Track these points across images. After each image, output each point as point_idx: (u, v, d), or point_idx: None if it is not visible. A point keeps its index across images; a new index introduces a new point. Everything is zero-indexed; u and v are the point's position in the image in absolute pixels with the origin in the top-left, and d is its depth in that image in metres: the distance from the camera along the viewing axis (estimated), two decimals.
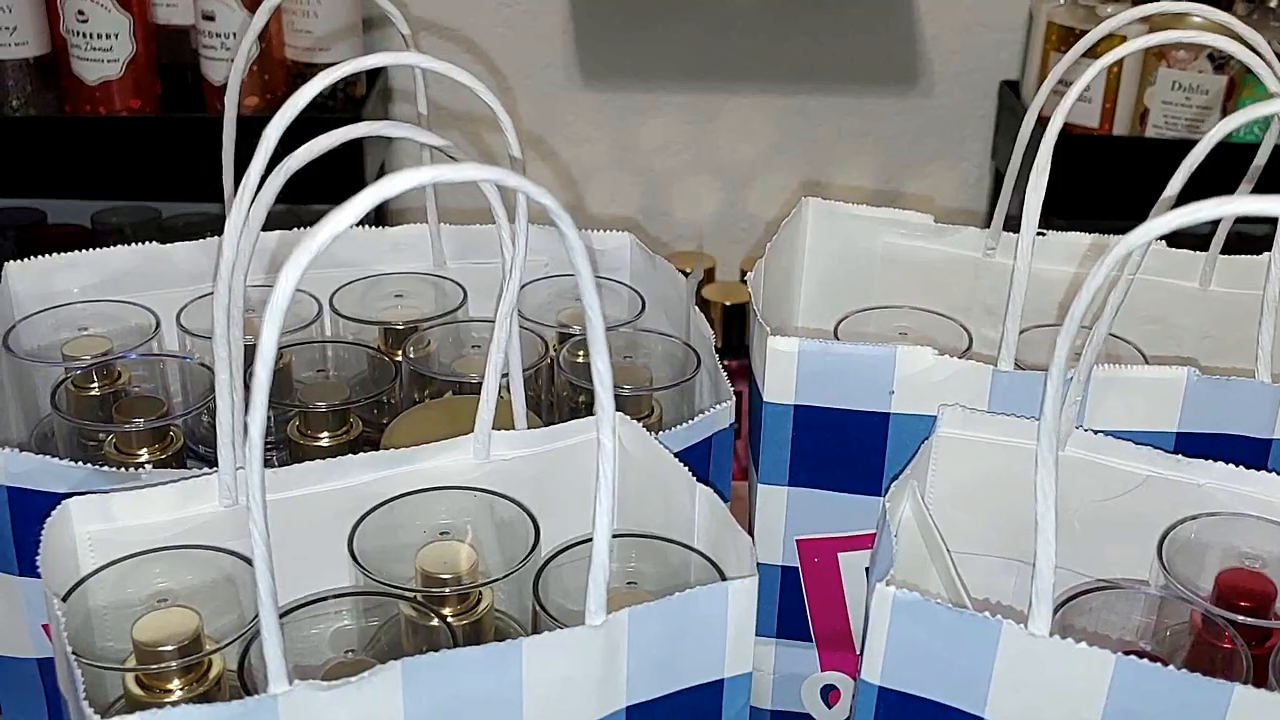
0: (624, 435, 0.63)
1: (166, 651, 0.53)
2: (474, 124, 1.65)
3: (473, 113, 1.63)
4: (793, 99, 1.67)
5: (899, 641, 0.53)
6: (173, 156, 1.42)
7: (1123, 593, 0.59)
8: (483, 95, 0.58)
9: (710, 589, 0.52)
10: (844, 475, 0.69)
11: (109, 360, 0.74)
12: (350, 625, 0.57)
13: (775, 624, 0.74)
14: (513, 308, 0.60)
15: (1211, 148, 0.60)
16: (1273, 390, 0.67)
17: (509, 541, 0.61)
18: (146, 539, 0.56)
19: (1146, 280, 0.81)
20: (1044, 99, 0.77)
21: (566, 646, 0.49)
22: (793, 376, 0.67)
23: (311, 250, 0.40)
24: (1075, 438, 0.64)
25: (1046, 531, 0.50)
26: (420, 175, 0.41)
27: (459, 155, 0.57)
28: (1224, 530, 0.62)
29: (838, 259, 0.84)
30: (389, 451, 0.60)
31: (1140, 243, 0.43)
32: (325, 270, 0.81)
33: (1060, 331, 0.47)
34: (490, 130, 1.67)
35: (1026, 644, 0.51)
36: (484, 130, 1.66)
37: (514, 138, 0.60)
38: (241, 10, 1.36)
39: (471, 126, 1.63)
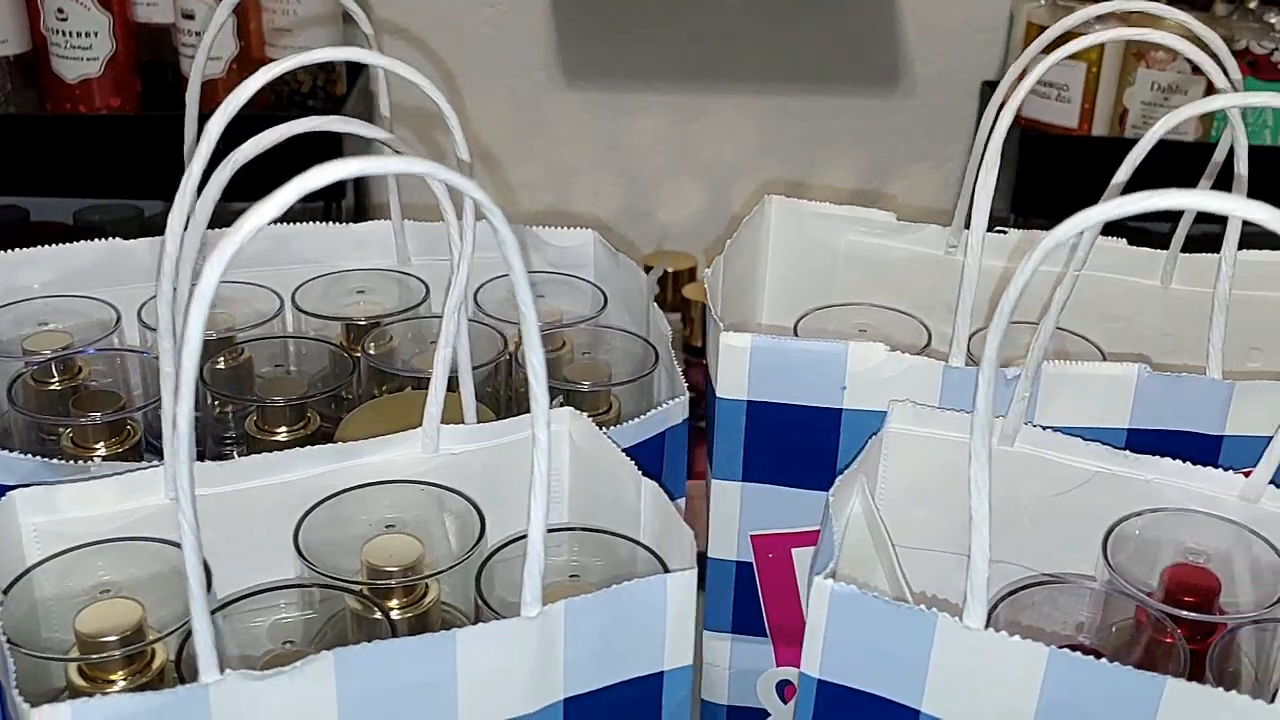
0: (574, 430, 0.64)
1: (108, 642, 0.54)
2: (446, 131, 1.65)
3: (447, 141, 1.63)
4: (776, 99, 1.67)
5: (837, 635, 0.53)
6: (154, 154, 1.42)
7: (1066, 587, 0.60)
8: (429, 91, 0.58)
9: (648, 581, 0.52)
10: (797, 471, 0.70)
11: (69, 355, 0.74)
12: (294, 618, 0.58)
13: (731, 619, 0.74)
14: (460, 302, 0.60)
15: (1153, 144, 0.61)
16: (1223, 387, 0.67)
17: (458, 535, 0.61)
18: (91, 531, 0.56)
19: (1108, 278, 0.81)
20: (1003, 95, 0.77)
21: (501, 638, 0.50)
22: (745, 372, 0.68)
23: (236, 243, 0.40)
24: (1024, 433, 0.64)
25: (981, 525, 0.50)
26: (345, 167, 0.42)
27: (405, 150, 0.57)
28: (1170, 526, 0.62)
29: (801, 257, 0.84)
30: (336, 445, 0.60)
31: (1065, 236, 0.43)
32: (288, 266, 0.81)
33: (991, 325, 0.47)
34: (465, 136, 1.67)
35: (962, 637, 0.51)
36: None
37: (460, 135, 0.60)
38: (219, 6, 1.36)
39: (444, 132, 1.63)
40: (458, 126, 0.59)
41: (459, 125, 0.59)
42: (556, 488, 0.65)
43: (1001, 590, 0.59)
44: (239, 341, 0.77)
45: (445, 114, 0.59)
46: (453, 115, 0.59)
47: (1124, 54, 1.43)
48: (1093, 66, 1.46)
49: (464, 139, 0.60)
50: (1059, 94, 1.48)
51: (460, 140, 0.60)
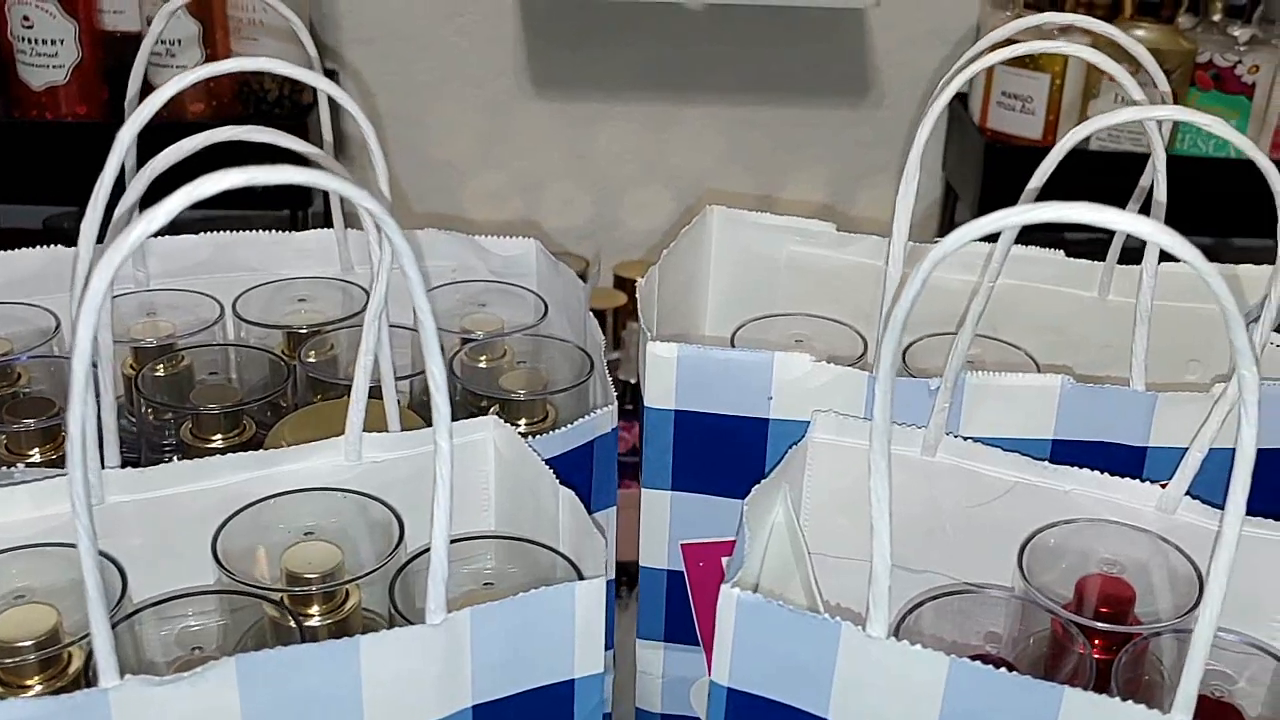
0: (497, 438, 0.64)
1: (23, 647, 0.54)
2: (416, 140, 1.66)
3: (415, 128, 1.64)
4: (745, 110, 1.68)
5: (744, 643, 0.54)
6: None
7: (978, 596, 0.60)
8: (341, 100, 0.59)
9: (555, 589, 0.52)
10: (725, 480, 0.70)
11: (7, 361, 0.75)
12: (210, 625, 0.58)
13: (663, 628, 0.75)
14: (379, 310, 0.60)
15: (1065, 153, 0.61)
16: (1146, 398, 0.68)
17: (379, 543, 0.62)
18: (8, 537, 0.56)
19: (1045, 289, 0.82)
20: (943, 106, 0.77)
21: (405, 645, 0.50)
22: (672, 382, 0.68)
23: (123, 250, 0.40)
24: (945, 444, 0.64)
25: (881, 535, 0.50)
26: (233, 176, 0.42)
27: (325, 161, 0.58)
28: (1087, 536, 0.62)
29: (743, 267, 0.85)
30: (258, 452, 0.61)
31: (952, 249, 0.44)
32: (229, 274, 0.82)
33: (883, 341, 0.48)
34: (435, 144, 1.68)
35: (865, 645, 0.51)
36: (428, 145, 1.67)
37: (376, 147, 0.60)
38: (187, 17, 1.37)
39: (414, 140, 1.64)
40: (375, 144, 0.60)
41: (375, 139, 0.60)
42: (484, 495, 0.65)
43: (916, 598, 0.60)
44: (179, 349, 0.78)
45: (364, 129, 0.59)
46: (369, 128, 0.60)
47: (1087, 67, 1.44)
48: (1057, 79, 1.47)
49: (380, 153, 0.61)
50: (1023, 106, 1.48)
51: (377, 155, 0.61)
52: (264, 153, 0.58)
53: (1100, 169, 1.47)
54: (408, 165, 1.67)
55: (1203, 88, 1.49)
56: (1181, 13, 1.47)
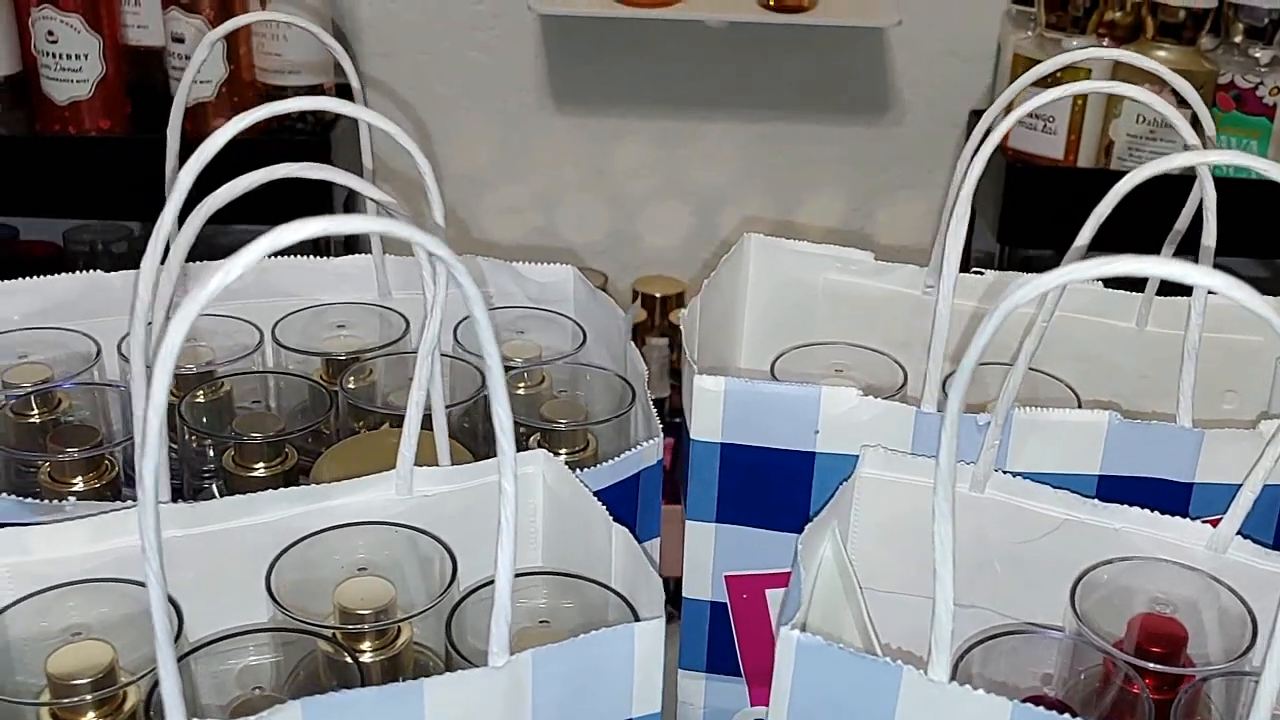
0: (547, 473, 0.64)
1: (80, 685, 0.54)
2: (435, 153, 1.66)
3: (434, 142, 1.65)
4: (763, 126, 1.68)
5: (804, 685, 0.54)
6: (143, 176, 1.42)
7: (1033, 637, 0.60)
8: (406, 145, 0.59)
9: (616, 630, 0.52)
10: (770, 513, 0.70)
11: (48, 388, 0.75)
12: (266, 661, 0.58)
13: (705, 659, 0.75)
14: (433, 347, 0.60)
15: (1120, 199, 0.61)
16: (1193, 435, 0.68)
17: (431, 578, 0.62)
18: (64, 572, 0.56)
19: (1083, 320, 0.82)
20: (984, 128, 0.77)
21: (469, 687, 0.50)
22: (719, 415, 0.68)
23: (200, 301, 0.40)
24: (994, 480, 0.64)
25: (944, 579, 0.50)
26: (313, 226, 0.42)
27: (379, 195, 0.58)
28: (1138, 575, 0.62)
29: (779, 295, 0.85)
30: (309, 487, 0.61)
31: (1024, 300, 0.44)
32: (268, 299, 0.82)
33: (953, 384, 0.48)
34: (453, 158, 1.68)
35: (926, 690, 0.51)
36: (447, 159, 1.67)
37: (434, 187, 0.61)
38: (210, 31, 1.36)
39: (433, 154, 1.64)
40: (433, 184, 0.60)
41: (434, 180, 0.60)
42: (531, 528, 0.65)
43: (971, 639, 0.59)
44: (219, 376, 0.78)
45: (422, 169, 0.59)
46: (429, 170, 0.60)
47: None
48: (1078, 99, 1.47)
49: (439, 195, 0.61)
50: (1045, 125, 1.49)
51: (435, 197, 0.61)
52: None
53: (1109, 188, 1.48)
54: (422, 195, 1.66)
55: (1224, 109, 1.49)
56: (1203, 34, 1.47)
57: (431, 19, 1.61)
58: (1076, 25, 1.48)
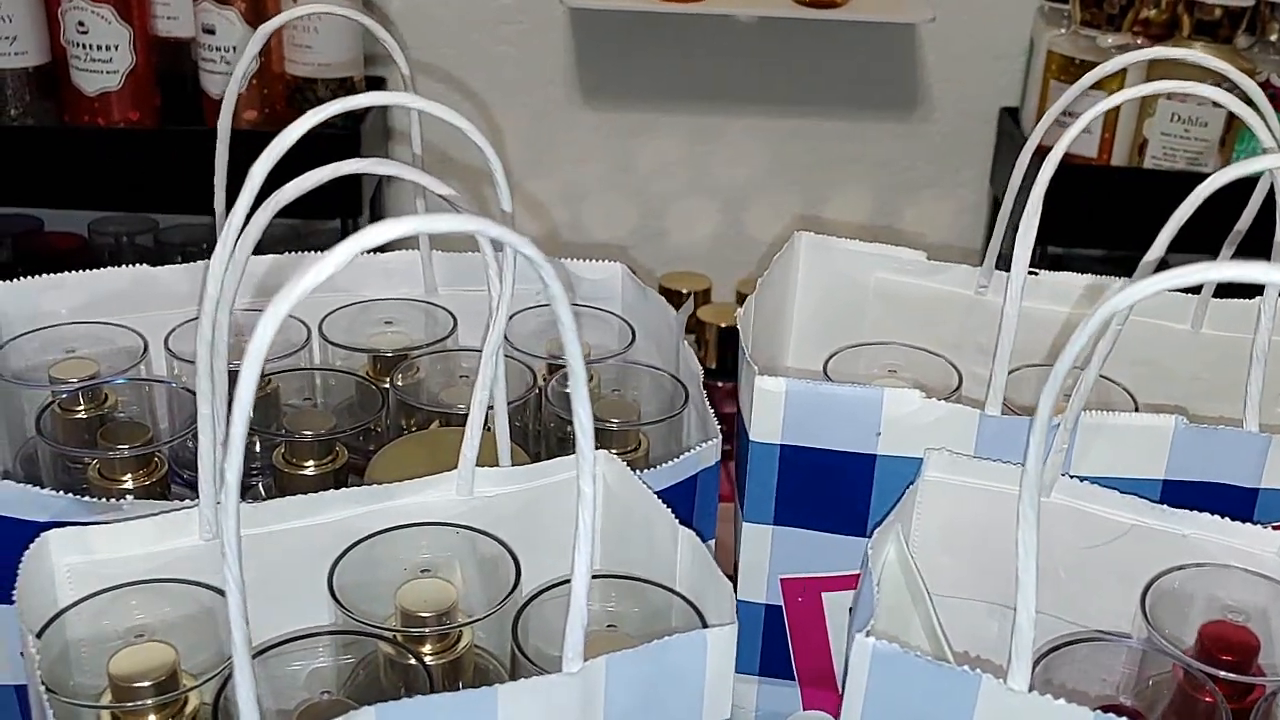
0: (608, 474, 0.63)
1: (142, 688, 0.53)
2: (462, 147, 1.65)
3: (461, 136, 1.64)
4: (791, 122, 1.67)
5: (878, 692, 0.53)
6: (171, 168, 1.42)
7: (1105, 644, 0.59)
8: (475, 139, 0.58)
9: (689, 637, 0.52)
10: (829, 516, 0.69)
11: (96, 384, 0.74)
12: (328, 663, 0.57)
13: (758, 662, 0.74)
14: (497, 346, 0.59)
15: (1199, 204, 0.60)
16: (1260, 440, 0.67)
17: (492, 579, 0.61)
18: (125, 571, 0.56)
19: (1139, 322, 0.80)
20: (1044, 130, 0.76)
21: (543, 693, 0.49)
22: (779, 416, 0.67)
23: (292, 298, 0.40)
24: (1061, 485, 0.63)
25: (1027, 587, 0.49)
26: (404, 225, 0.41)
27: (445, 191, 0.57)
28: (1208, 582, 0.61)
29: (830, 294, 0.84)
30: (371, 487, 0.60)
31: (1118, 309, 0.43)
32: (314, 295, 0.80)
33: (1043, 390, 0.47)
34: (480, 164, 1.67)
35: (1005, 699, 0.50)
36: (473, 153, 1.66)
37: (504, 184, 0.60)
38: (242, 24, 1.36)
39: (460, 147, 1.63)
40: (501, 173, 0.59)
41: (503, 171, 0.59)
42: None
43: (1042, 647, 0.59)
44: (266, 372, 0.77)
45: (492, 164, 0.58)
46: (496, 160, 0.59)
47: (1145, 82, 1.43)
48: None
49: (508, 188, 0.60)
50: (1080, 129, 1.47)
51: (504, 190, 0.60)
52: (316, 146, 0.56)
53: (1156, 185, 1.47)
54: (452, 172, 1.66)
55: None
56: (1239, 33, 1.46)
57: (460, 13, 1.60)
58: (1111, 23, 1.47)
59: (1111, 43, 1.46)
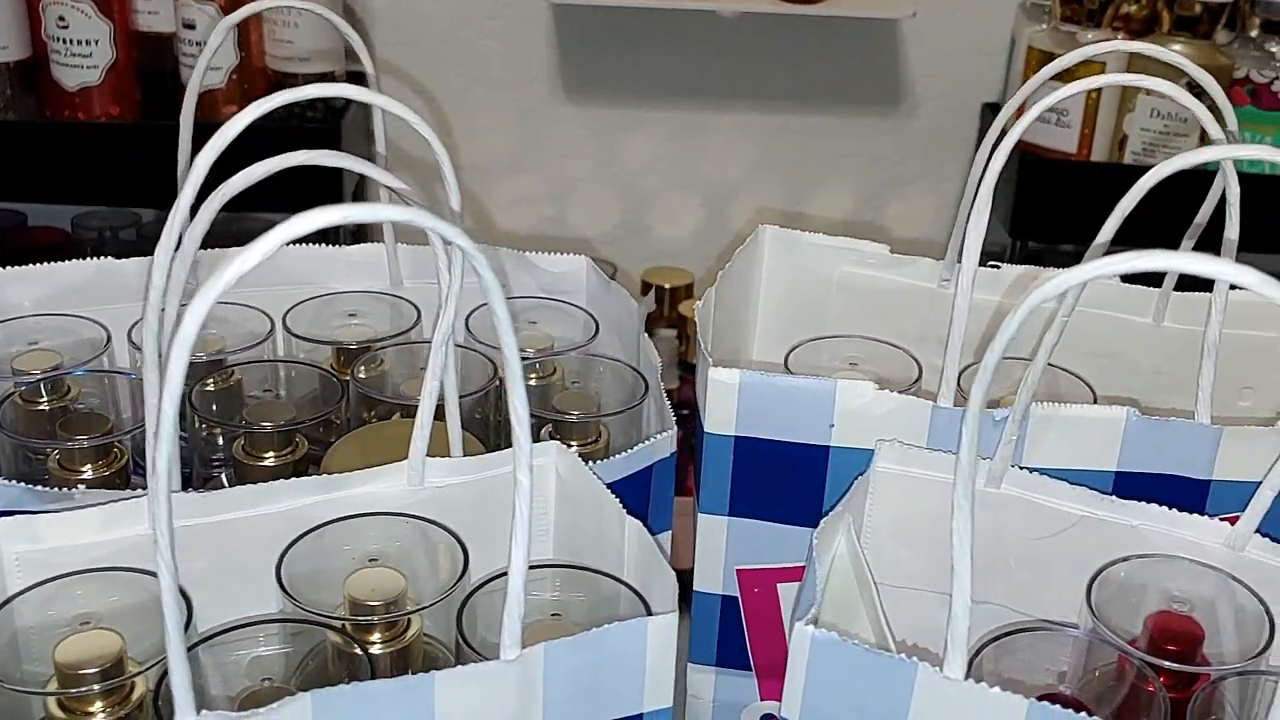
0: (560, 465, 0.64)
1: (88, 674, 0.54)
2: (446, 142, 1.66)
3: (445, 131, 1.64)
4: (776, 118, 1.68)
5: (817, 680, 0.53)
6: (152, 162, 1.41)
7: (1049, 634, 0.59)
8: (424, 133, 0.58)
9: (629, 624, 0.52)
10: (784, 507, 0.70)
11: (58, 375, 0.74)
12: (276, 652, 0.57)
13: (715, 652, 0.74)
14: (447, 337, 0.60)
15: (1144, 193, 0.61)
16: (1211, 431, 0.67)
17: (442, 569, 0.61)
18: (74, 560, 0.56)
19: (1100, 315, 0.81)
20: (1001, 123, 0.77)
21: (480, 681, 0.50)
22: (733, 408, 0.68)
23: (217, 289, 0.40)
24: (1010, 476, 0.64)
25: (962, 576, 0.50)
26: (328, 215, 0.41)
27: (395, 183, 0.57)
28: (1155, 572, 0.62)
29: (795, 287, 0.84)
30: (322, 477, 0.60)
31: (1048, 297, 0.43)
32: (279, 288, 0.81)
33: (975, 381, 0.47)
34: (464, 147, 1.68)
35: (941, 687, 0.51)
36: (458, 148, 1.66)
37: (451, 177, 0.60)
38: (220, 18, 1.36)
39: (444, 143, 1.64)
40: (450, 172, 0.59)
41: (451, 168, 0.59)
42: (542, 521, 0.65)
43: (985, 636, 0.59)
44: (229, 364, 0.77)
45: (439, 157, 0.58)
46: (446, 158, 0.59)
47: None
48: (1092, 92, 1.46)
49: (455, 183, 0.60)
50: (1058, 119, 1.48)
51: (452, 186, 0.60)
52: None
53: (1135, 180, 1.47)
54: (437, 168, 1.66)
55: (1239, 104, 1.48)
56: (1219, 28, 1.46)
57: (444, 7, 1.61)
58: (1091, 18, 1.47)
59: (1091, 38, 1.46)
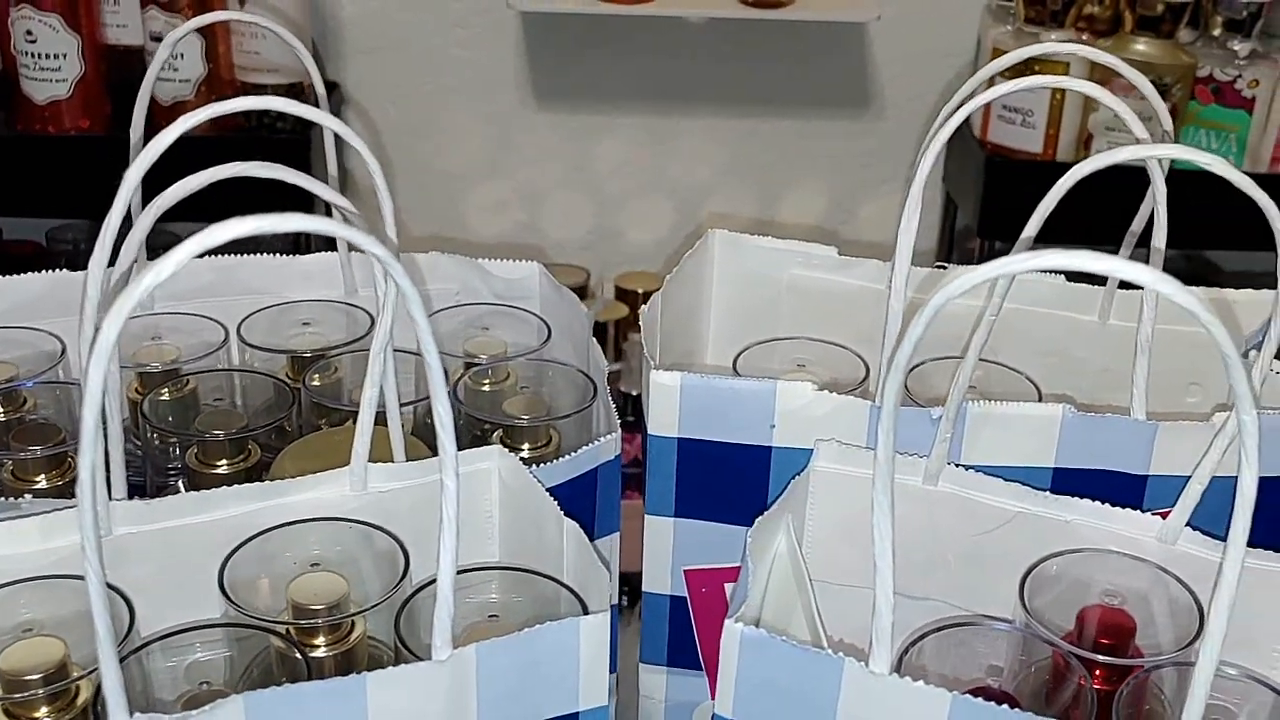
0: (502, 469, 0.64)
1: (32, 680, 0.54)
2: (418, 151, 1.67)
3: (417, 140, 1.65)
4: (746, 122, 1.69)
5: (749, 677, 0.54)
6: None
7: (980, 629, 0.60)
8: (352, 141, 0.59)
9: (561, 624, 0.53)
10: (728, 507, 0.70)
11: (12, 386, 0.75)
12: (220, 656, 0.58)
13: (666, 652, 0.75)
14: (385, 344, 0.61)
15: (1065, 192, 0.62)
16: (1147, 427, 0.68)
17: (385, 573, 0.62)
18: (16, 569, 0.57)
19: (1046, 313, 0.82)
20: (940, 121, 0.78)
21: (412, 681, 0.50)
22: (675, 410, 0.68)
23: (132, 299, 0.41)
24: (947, 473, 0.65)
25: (884, 571, 0.51)
26: (244, 225, 0.42)
27: (331, 194, 0.58)
28: (1088, 567, 0.63)
29: (744, 291, 0.85)
30: (263, 484, 0.61)
31: (949, 299, 0.44)
32: (233, 297, 0.82)
33: (886, 381, 0.48)
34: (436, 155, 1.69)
35: (867, 682, 0.52)
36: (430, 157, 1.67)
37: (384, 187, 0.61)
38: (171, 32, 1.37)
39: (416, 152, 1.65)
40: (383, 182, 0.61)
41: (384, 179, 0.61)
42: (487, 524, 0.66)
43: (919, 630, 0.60)
44: (184, 373, 0.78)
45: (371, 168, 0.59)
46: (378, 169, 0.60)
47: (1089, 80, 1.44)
48: (1057, 93, 1.47)
49: (388, 193, 0.61)
50: (1024, 119, 1.49)
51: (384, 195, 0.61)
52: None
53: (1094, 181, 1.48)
54: (409, 176, 1.67)
55: (1203, 101, 1.49)
56: (1181, 27, 1.47)
57: (413, 16, 1.62)
58: (1055, 19, 1.48)
59: (1055, 39, 1.47)
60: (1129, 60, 0.73)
